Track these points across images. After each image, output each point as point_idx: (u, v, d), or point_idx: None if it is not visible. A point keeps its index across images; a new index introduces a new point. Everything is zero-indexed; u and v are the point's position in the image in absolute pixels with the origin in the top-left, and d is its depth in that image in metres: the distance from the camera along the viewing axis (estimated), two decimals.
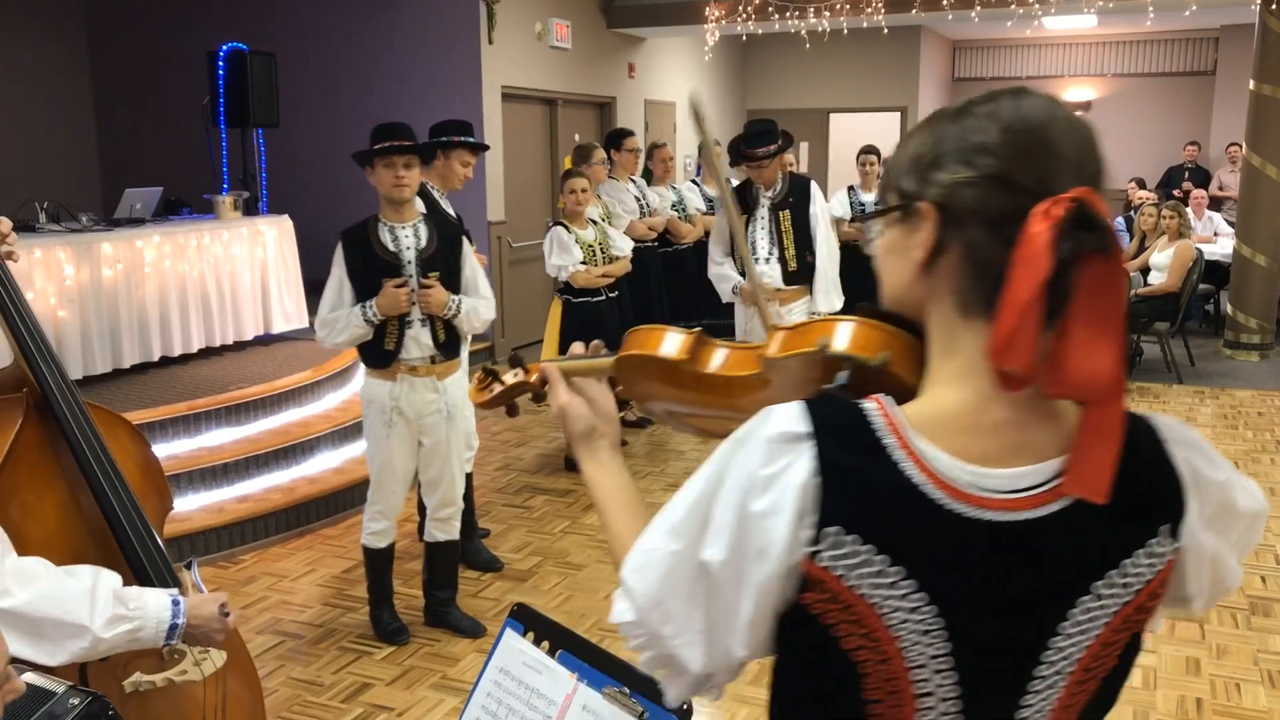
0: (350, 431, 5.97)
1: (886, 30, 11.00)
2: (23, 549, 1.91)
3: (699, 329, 1.34)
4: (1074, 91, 15.08)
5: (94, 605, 1.76)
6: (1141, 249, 8.92)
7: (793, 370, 1.18)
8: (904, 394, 1.06)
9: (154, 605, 1.86)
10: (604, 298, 5.92)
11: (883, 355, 1.10)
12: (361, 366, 6.75)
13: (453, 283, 3.96)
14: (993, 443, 1.01)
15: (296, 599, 4.53)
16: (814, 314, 5.33)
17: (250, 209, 7.43)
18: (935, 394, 1.05)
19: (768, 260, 5.33)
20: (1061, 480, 1.00)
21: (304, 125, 9.11)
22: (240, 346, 6.94)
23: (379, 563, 4.16)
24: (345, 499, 5.43)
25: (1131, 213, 10.64)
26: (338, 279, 3.91)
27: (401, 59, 9.30)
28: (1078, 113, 1.04)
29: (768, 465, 1.00)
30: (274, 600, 4.50)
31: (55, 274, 5.68)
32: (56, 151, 9.94)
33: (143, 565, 2.05)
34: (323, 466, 5.68)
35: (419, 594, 4.35)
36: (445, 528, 4.16)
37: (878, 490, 0.99)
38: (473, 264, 4.10)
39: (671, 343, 1.32)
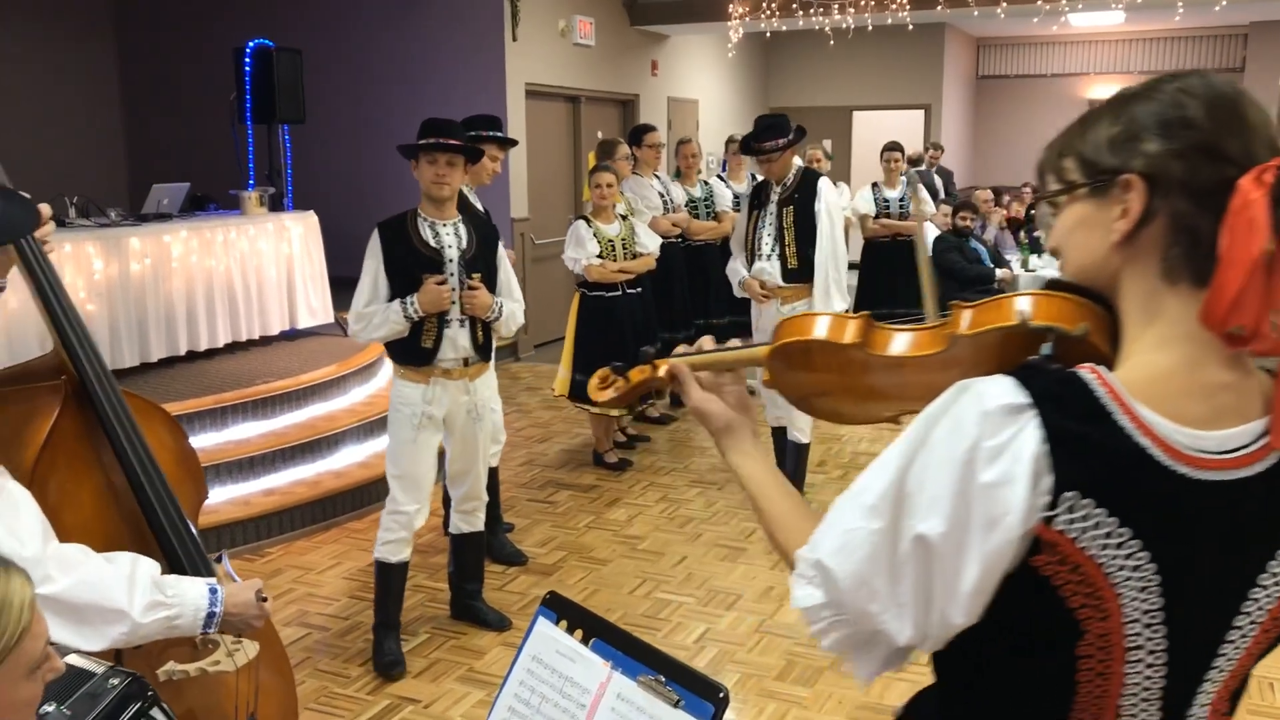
0: (375, 426, 5.99)
1: (911, 26, 10.94)
2: (59, 536, 1.92)
3: (866, 312, 1.34)
4: (1100, 89, 14.96)
5: (133, 591, 1.77)
6: None
7: (984, 347, 1.18)
8: (1100, 363, 1.09)
9: (192, 594, 1.86)
10: (621, 293, 5.92)
11: (1083, 325, 1.13)
12: (387, 364, 6.80)
13: (490, 285, 3.92)
14: (1205, 405, 1.06)
15: (323, 591, 4.54)
16: None
17: (276, 205, 7.46)
18: (1141, 361, 1.09)
19: (769, 257, 5.27)
20: (1269, 438, 1.06)
21: (329, 121, 9.14)
22: (266, 341, 6.97)
23: (391, 579, 3.93)
24: (371, 493, 5.45)
25: None
26: (373, 271, 3.80)
27: (426, 55, 9.32)
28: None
29: (992, 437, 1.03)
30: (300, 593, 4.52)
31: (84, 268, 5.72)
32: (84, 148, 10.02)
33: (177, 554, 2.05)
34: (348, 460, 5.70)
35: (444, 587, 4.36)
36: (470, 519, 4.16)
37: (1108, 456, 1.03)
38: (506, 267, 4.06)
39: (838, 327, 1.31)
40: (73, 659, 1.46)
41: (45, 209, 2.00)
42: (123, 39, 10.50)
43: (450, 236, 3.85)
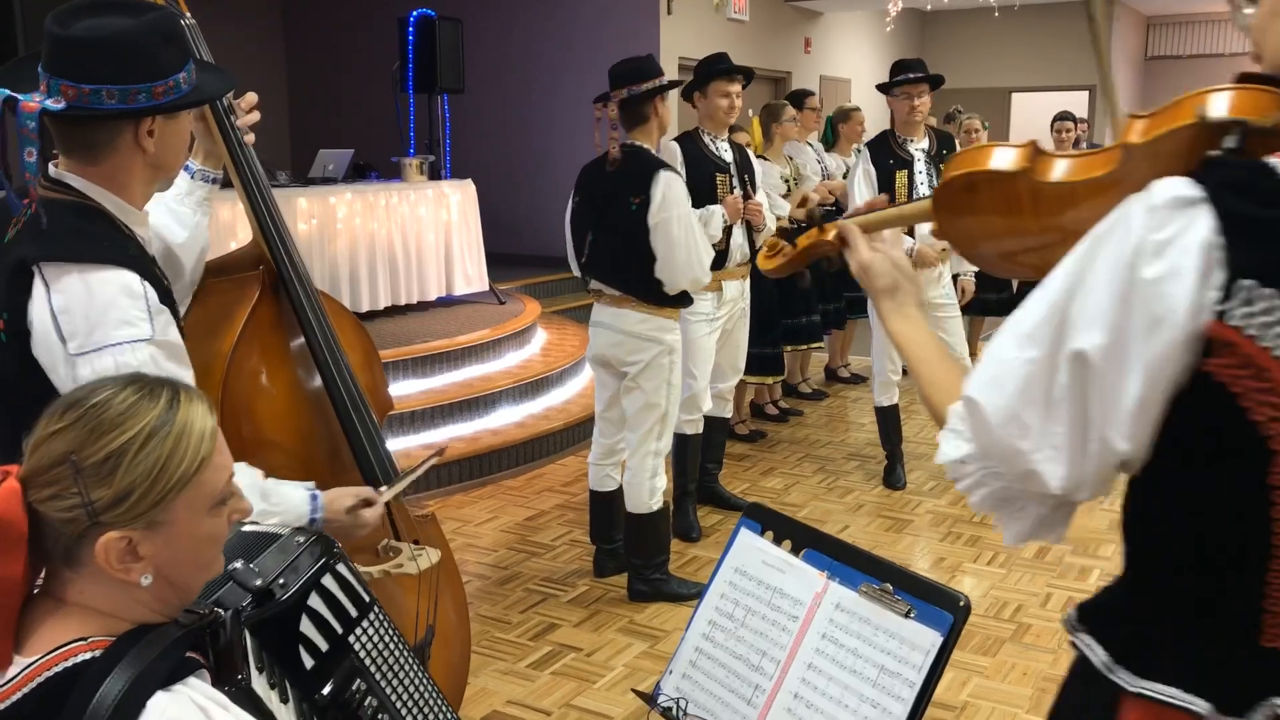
0: (530, 389, 5.99)
1: None
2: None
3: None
4: None
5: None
6: None
7: (1162, 156, 1.06)
8: None
9: (294, 499, 1.79)
10: None
11: (1276, 115, 0.99)
12: (541, 330, 6.77)
13: None
14: None
15: (481, 543, 4.54)
16: (955, 274, 5.15)
17: (434, 174, 7.54)
18: None
19: None
20: None
21: (486, 92, 9.22)
22: (423, 307, 7.05)
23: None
24: (526, 452, 5.44)
25: None
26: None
27: (581, 29, 9.32)
28: None
29: (1159, 230, 0.93)
30: (459, 543, 4.51)
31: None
32: None
33: (365, 450, 2.01)
34: (504, 420, 5.70)
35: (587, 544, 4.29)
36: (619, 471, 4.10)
37: None
38: None
39: (1002, 155, 1.21)
40: (258, 526, 1.41)
41: (250, 95, 2.01)
42: (288, 8, 10.84)
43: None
